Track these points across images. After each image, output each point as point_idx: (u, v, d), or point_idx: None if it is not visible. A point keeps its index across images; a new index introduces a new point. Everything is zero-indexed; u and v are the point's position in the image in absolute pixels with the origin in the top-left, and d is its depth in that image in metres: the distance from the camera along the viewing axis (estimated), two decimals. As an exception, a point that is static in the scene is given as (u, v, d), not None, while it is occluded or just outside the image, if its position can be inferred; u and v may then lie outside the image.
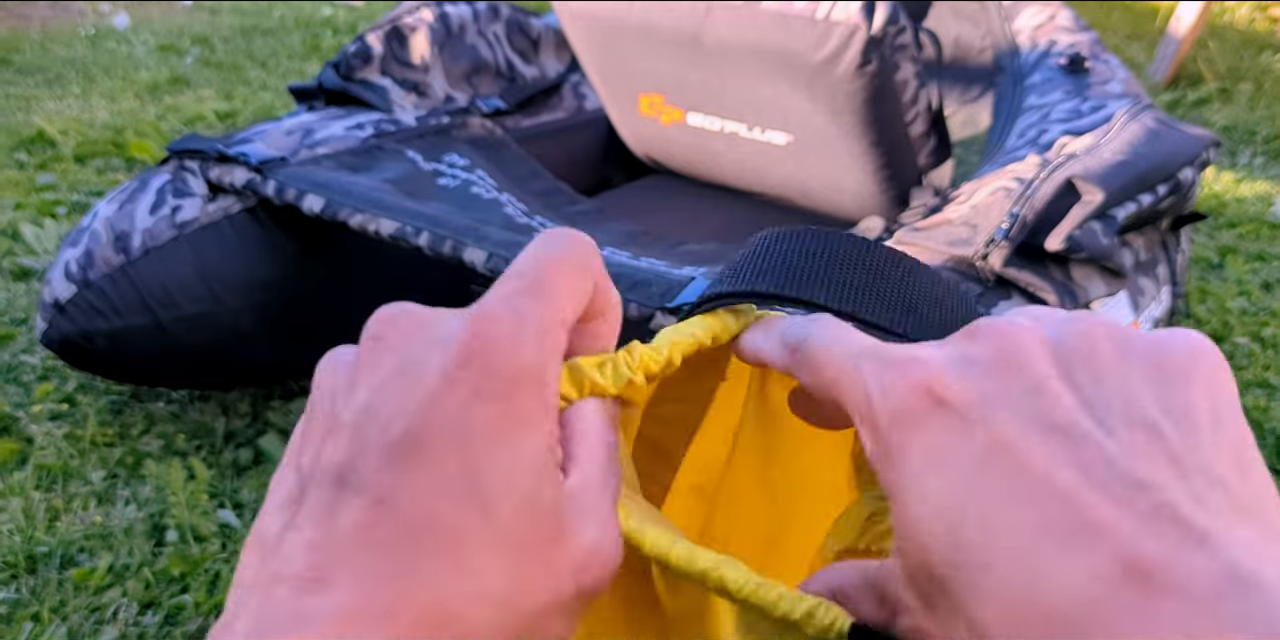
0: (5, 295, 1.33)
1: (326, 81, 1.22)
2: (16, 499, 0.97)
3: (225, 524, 0.96)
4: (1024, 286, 0.85)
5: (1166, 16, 2.51)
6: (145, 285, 1.00)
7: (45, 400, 1.12)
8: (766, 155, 1.19)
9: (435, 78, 1.29)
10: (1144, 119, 1.06)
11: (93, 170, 1.72)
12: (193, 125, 1.93)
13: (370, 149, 1.12)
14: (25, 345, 1.22)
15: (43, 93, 2.07)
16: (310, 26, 2.61)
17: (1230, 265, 1.50)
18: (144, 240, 1.00)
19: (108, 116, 1.94)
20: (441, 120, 1.22)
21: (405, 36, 1.27)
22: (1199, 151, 1.04)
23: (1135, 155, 0.95)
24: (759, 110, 1.13)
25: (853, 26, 0.96)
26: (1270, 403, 1.17)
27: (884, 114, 1.05)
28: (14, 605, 0.87)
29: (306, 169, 1.03)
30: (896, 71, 1.01)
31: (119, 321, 0.99)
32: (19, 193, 1.61)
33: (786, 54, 1.01)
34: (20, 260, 1.41)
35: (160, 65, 2.28)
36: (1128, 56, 2.44)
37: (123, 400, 1.13)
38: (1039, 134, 1.12)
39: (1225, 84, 2.25)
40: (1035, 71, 1.35)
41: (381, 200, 0.97)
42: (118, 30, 2.53)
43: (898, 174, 1.12)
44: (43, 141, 1.80)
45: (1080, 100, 1.20)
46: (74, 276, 0.99)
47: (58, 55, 2.31)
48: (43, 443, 1.05)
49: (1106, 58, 1.35)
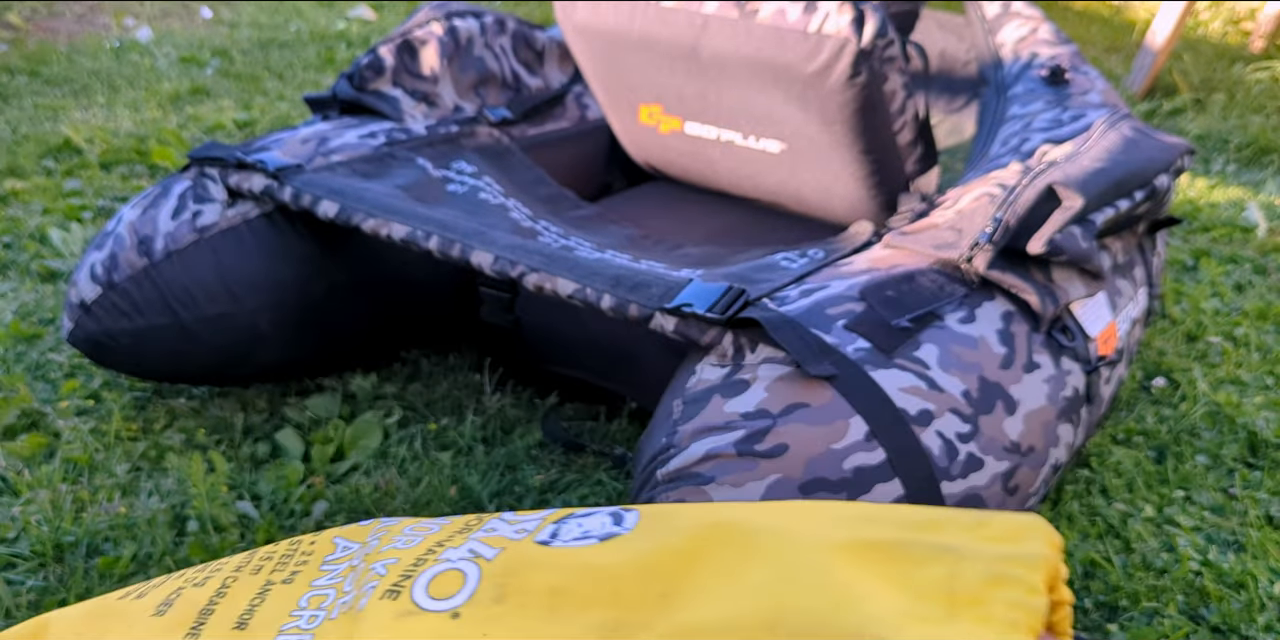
0: (33, 296, 1.33)
1: (340, 92, 1.22)
2: (44, 491, 0.97)
3: (244, 515, 0.96)
4: (1007, 288, 0.85)
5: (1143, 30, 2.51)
6: (167, 287, 0.99)
7: (72, 396, 1.12)
8: (761, 162, 1.18)
9: (444, 88, 1.29)
10: (1122, 128, 1.06)
11: (117, 177, 1.72)
12: (212, 133, 1.93)
13: (382, 156, 1.12)
14: (53, 344, 1.22)
15: (69, 103, 2.07)
16: (325, 39, 2.60)
17: (1204, 267, 1.50)
18: (166, 244, 1.00)
19: (131, 125, 1.94)
20: (450, 129, 1.22)
21: (416, 49, 1.27)
22: (1174, 159, 1.04)
23: (1113, 162, 0.95)
24: (753, 119, 1.13)
25: (843, 40, 0.96)
26: (1241, 399, 1.17)
27: (873, 123, 1.04)
28: (42, 592, 0.87)
29: (321, 176, 1.03)
30: (885, 82, 1.01)
31: (142, 321, 0.99)
32: (47, 198, 1.61)
33: (780, 66, 1.01)
34: (48, 262, 1.41)
35: (182, 76, 2.28)
36: (1106, 68, 2.44)
37: (146, 396, 1.13)
38: (1021, 142, 1.12)
39: (1199, 95, 2.25)
40: (1018, 83, 1.35)
41: (393, 205, 0.97)
42: (141, 43, 2.52)
43: (886, 180, 1.12)
44: (69, 149, 1.80)
45: (1061, 110, 1.20)
46: (99, 278, 0.99)
47: (84, 67, 2.31)
48: (69, 437, 1.05)
49: (1086, 69, 1.35)
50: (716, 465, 0.72)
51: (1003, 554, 0.25)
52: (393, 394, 1.15)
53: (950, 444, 0.74)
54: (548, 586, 0.29)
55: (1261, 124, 2.10)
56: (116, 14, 2.79)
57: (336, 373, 1.17)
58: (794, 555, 0.28)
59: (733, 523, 0.32)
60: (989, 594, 0.24)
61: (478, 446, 1.07)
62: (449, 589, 0.30)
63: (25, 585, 0.87)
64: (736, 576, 0.28)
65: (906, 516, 0.30)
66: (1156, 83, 2.29)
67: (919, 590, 0.25)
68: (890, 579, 0.25)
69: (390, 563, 0.32)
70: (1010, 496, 0.79)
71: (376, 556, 0.33)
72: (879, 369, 0.74)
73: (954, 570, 0.25)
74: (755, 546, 0.29)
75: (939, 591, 0.25)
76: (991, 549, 0.26)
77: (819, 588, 0.25)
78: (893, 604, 0.24)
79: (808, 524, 0.30)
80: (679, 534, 0.31)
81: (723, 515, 0.33)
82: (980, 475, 0.75)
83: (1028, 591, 0.24)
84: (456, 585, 0.30)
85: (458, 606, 0.29)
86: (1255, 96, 2.26)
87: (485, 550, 0.31)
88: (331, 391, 1.14)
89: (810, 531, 0.29)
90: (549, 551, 0.31)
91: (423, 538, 0.33)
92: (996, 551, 0.25)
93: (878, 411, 0.72)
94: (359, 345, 1.17)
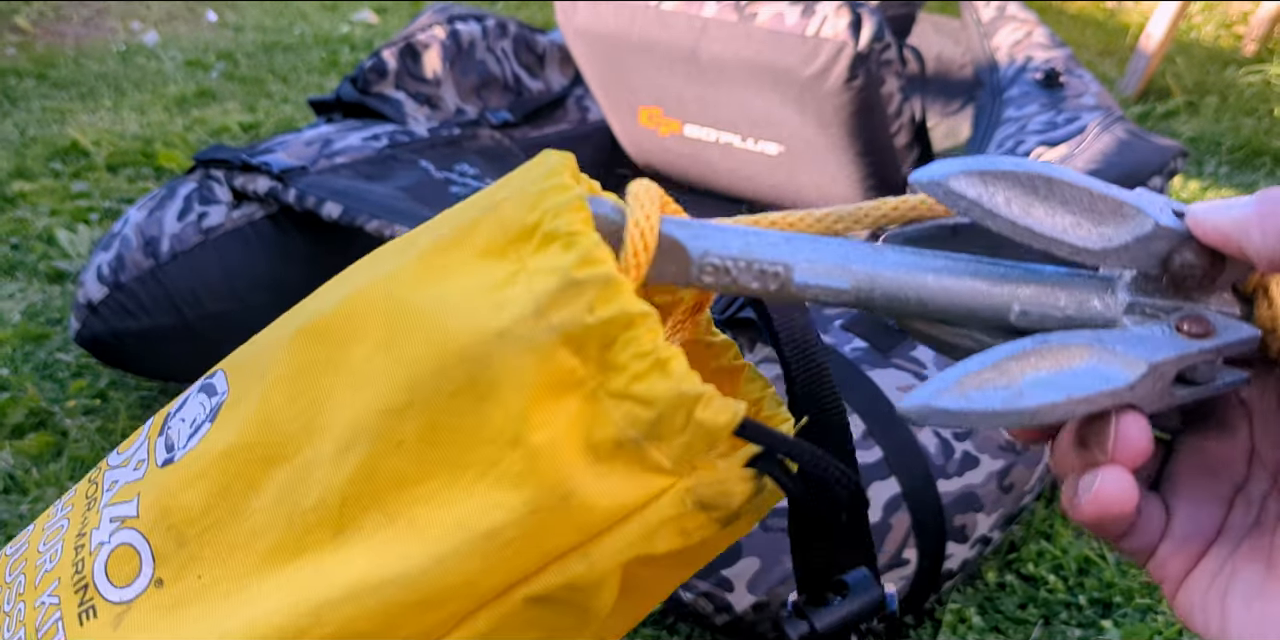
0: (41, 297, 1.33)
1: (344, 95, 1.22)
2: (52, 489, 0.97)
3: (249, 512, 0.96)
4: (1002, 288, 0.85)
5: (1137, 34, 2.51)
6: (173, 287, 1.00)
7: (79, 396, 1.12)
8: (759, 164, 1.19)
9: (447, 91, 1.29)
10: (1115, 130, 1.06)
11: (124, 179, 1.72)
12: (218, 136, 1.93)
13: (385, 159, 1.12)
14: (60, 344, 1.22)
15: (77, 106, 2.07)
16: (329, 43, 2.60)
17: (1197, 268, 1.50)
18: (172, 245, 1.00)
19: (138, 128, 1.94)
20: (453, 131, 1.22)
21: (418, 53, 1.27)
22: (1167, 161, 1.04)
23: (1107, 164, 0.95)
24: (752, 122, 1.13)
25: (840, 43, 0.97)
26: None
27: (870, 126, 1.05)
28: (50, 589, 0.87)
29: (325, 177, 1.03)
30: (882, 86, 1.01)
31: (148, 321, 0.99)
32: (54, 200, 1.61)
33: (778, 69, 1.02)
34: (55, 263, 1.41)
35: (187, 80, 2.28)
36: (1100, 71, 2.44)
37: (152, 395, 1.13)
38: (1016, 145, 1.12)
39: (1192, 97, 2.25)
40: (1013, 86, 1.35)
41: (396, 207, 0.97)
42: (147, 47, 2.52)
43: (883, 182, 1.12)
44: (77, 151, 1.80)
45: (1055, 113, 1.20)
46: (106, 279, 0.99)
47: (91, 70, 2.31)
48: (77, 436, 1.05)
49: (1080, 73, 1.35)
50: (715, 463, 0.72)
51: (526, 174, 0.25)
52: (396, 393, 1.15)
53: (946, 442, 0.75)
54: (204, 499, 0.26)
55: (1254, 127, 2.10)
56: (123, 18, 2.79)
57: (340, 372, 1.17)
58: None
59: (317, 332, 0.28)
60: (535, 214, 0.23)
61: (480, 445, 1.07)
62: (129, 568, 0.26)
63: (33, 582, 0.87)
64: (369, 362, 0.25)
65: (456, 206, 0.27)
66: (1150, 86, 2.30)
67: (486, 259, 0.24)
68: (461, 266, 0.24)
69: (54, 587, 0.28)
70: (1005, 494, 0.79)
71: (33, 592, 0.28)
72: (876, 368, 0.75)
73: (498, 218, 0.24)
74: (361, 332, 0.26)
75: (499, 246, 0.24)
76: (517, 176, 0.25)
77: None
78: (476, 288, 0.23)
79: (375, 271, 0.27)
80: (278, 365, 0.28)
81: (305, 321, 0.28)
82: (976, 473, 0.75)
83: (559, 190, 0.24)
84: (133, 561, 0.26)
85: (151, 576, 0.26)
86: (1247, 99, 2.26)
87: (126, 510, 0.27)
88: (335, 391, 1.14)
89: (374, 277, 0.26)
90: (178, 467, 0.27)
91: (61, 542, 0.29)
92: (521, 176, 0.25)
93: (874, 410, 0.72)
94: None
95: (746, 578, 0.70)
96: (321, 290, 0.30)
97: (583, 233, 0.23)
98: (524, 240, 0.24)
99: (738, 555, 0.70)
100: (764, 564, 0.70)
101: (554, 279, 0.22)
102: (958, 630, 0.83)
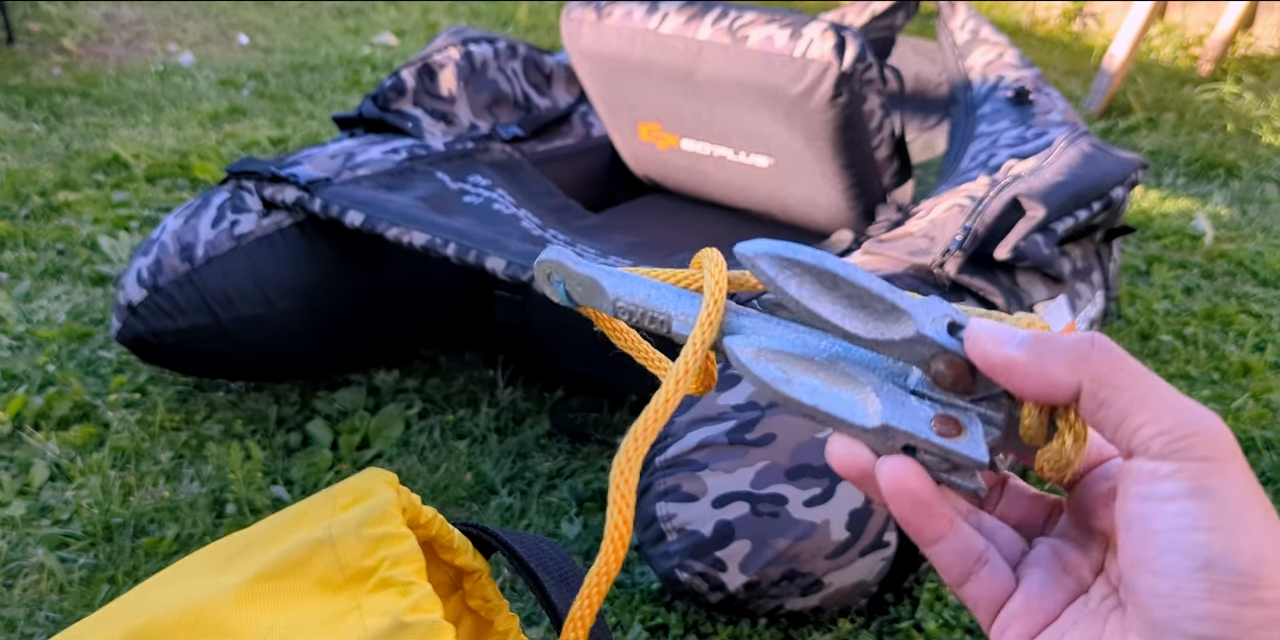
0: (85, 298, 1.33)
1: (366, 111, 1.22)
2: (95, 477, 0.97)
3: (277, 498, 0.96)
4: (975, 291, 0.85)
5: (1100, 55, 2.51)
6: (207, 290, 0.99)
7: (120, 390, 1.12)
8: (750, 176, 1.18)
9: (461, 108, 1.29)
10: (1081, 144, 1.06)
11: (161, 189, 1.72)
12: (249, 150, 1.93)
13: (404, 170, 1.12)
14: (102, 342, 1.22)
15: (118, 122, 2.07)
16: (352, 63, 2.60)
17: (1156, 272, 1.50)
18: (206, 250, 1.00)
19: (174, 142, 1.94)
20: (466, 145, 1.22)
21: (435, 72, 1.27)
22: (1129, 173, 1.04)
23: (1073, 176, 0.95)
24: (744, 137, 1.13)
25: (826, 63, 0.96)
26: (1190, 392, 1.17)
27: (853, 140, 1.04)
28: (93, 570, 0.87)
29: (348, 188, 1.03)
30: (864, 103, 1.01)
31: (184, 321, 0.99)
32: (97, 209, 1.61)
33: (768, 88, 1.01)
34: (98, 267, 1.41)
35: (220, 97, 2.27)
36: (1066, 90, 2.43)
37: (188, 390, 1.13)
38: (989, 158, 1.12)
39: (1152, 114, 2.25)
40: (985, 103, 1.35)
41: (414, 215, 0.97)
42: (183, 67, 2.52)
43: (865, 192, 1.11)
44: (118, 164, 1.80)
45: (1025, 128, 1.20)
46: (145, 282, 0.99)
47: (131, 89, 2.31)
48: (118, 427, 1.05)
49: (1048, 91, 1.35)
50: (710, 453, 0.72)
51: (361, 516, 0.25)
52: (414, 388, 1.15)
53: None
54: None
55: (1209, 141, 2.10)
56: (161, 41, 2.79)
57: (362, 368, 1.17)
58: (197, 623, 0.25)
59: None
60: (373, 560, 0.24)
61: (491, 436, 1.07)
62: None
63: (77, 563, 0.87)
64: None
65: (273, 525, 0.27)
66: (1113, 103, 2.29)
67: (322, 593, 0.25)
68: (295, 595, 0.24)
69: None
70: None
71: None
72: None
73: (334, 556, 0.25)
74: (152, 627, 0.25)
75: (336, 583, 0.25)
76: (352, 517, 0.25)
77: None
78: (310, 620, 0.24)
79: (197, 585, 0.26)
80: None
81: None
82: (951, 462, 0.75)
83: (397, 540, 0.25)
84: None
85: None
86: (1203, 115, 2.26)
87: None
88: (357, 385, 1.14)
89: (204, 593, 0.25)
90: None
91: None
92: (356, 517, 0.25)
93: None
94: (382, 343, 1.17)
95: (738, 559, 0.70)
96: (146, 594, 0.29)
97: (417, 583, 0.25)
98: (360, 581, 0.25)
99: (730, 538, 0.70)
100: (754, 547, 0.70)
101: (386, 620, 0.24)
102: (934, 607, 0.83)
